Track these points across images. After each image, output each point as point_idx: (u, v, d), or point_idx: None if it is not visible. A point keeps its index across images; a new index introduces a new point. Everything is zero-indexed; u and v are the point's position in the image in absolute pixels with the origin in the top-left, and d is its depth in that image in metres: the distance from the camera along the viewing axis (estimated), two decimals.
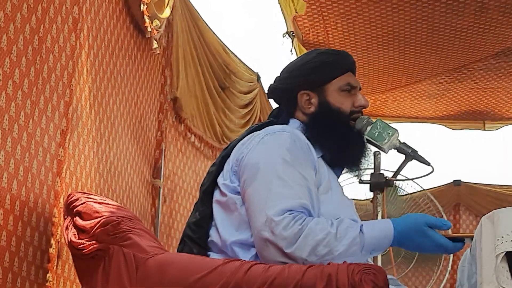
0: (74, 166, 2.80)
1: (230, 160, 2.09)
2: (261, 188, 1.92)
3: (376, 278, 1.69)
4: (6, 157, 2.16)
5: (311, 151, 2.05)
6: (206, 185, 2.12)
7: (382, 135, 2.26)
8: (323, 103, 2.18)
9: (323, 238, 1.83)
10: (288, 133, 2.05)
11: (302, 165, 1.98)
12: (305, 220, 1.85)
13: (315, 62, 2.21)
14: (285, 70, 2.26)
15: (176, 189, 4.84)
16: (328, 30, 4.94)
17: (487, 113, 6.57)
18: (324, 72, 2.20)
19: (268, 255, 1.86)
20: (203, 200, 2.10)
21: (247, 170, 1.98)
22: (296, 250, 1.82)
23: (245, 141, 2.09)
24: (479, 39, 5.03)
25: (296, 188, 1.92)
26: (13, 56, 2.19)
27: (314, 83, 2.19)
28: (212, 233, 2.05)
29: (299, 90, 2.19)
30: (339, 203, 2.06)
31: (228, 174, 2.07)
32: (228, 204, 2.03)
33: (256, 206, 1.90)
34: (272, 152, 1.99)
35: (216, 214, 2.06)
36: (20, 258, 2.29)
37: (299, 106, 2.21)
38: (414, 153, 2.31)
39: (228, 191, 2.03)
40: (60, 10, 2.61)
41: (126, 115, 3.65)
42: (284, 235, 1.82)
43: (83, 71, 2.90)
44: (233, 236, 1.98)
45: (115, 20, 3.45)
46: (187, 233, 2.10)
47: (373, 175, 2.89)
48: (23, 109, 2.28)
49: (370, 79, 5.80)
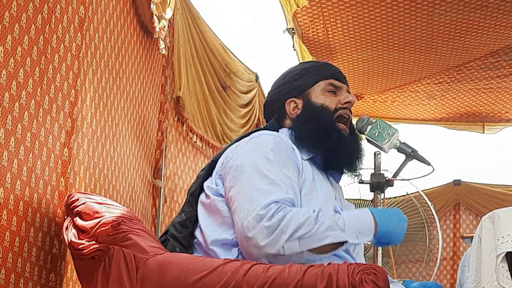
0: (79, 166, 2.80)
1: (217, 164, 2.16)
2: (247, 186, 1.96)
3: (377, 278, 1.69)
4: (9, 158, 2.15)
5: (295, 153, 2.10)
6: (193, 188, 2.18)
7: (382, 135, 2.26)
8: (307, 104, 2.24)
9: (304, 220, 1.87)
10: (272, 135, 2.11)
11: (286, 166, 2.03)
12: (288, 208, 1.90)
13: (298, 70, 2.30)
14: (273, 85, 2.36)
15: (176, 189, 4.85)
16: (327, 27, 4.95)
17: (487, 114, 6.57)
18: (306, 77, 2.27)
19: (251, 250, 1.88)
20: (189, 202, 2.17)
21: (232, 171, 2.04)
22: (278, 234, 1.84)
23: (232, 147, 2.17)
24: (479, 37, 5.04)
25: (281, 185, 1.97)
26: (17, 57, 2.18)
27: (298, 88, 2.27)
28: (197, 234, 2.11)
29: (286, 98, 2.28)
30: (325, 203, 2.08)
31: (213, 177, 2.14)
32: (210, 205, 2.09)
33: (242, 203, 1.93)
34: (256, 152, 2.05)
35: (200, 215, 2.12)
36: (23, 258, 2.28)
37: (287, 114, 2.27)
38: (414, 153, 2.32)
39: (212, 193, 2.10)
40: (67, 10, 2.60)
41: (130, 115, 3.66)
42: (267, 224, 1.86)
43: (89, 71, 2.89)
44: (215, 235, 2.03)
45: (122, 21, 3.45)
46: (171, 232, 2.15)
47: (373, 175, 2.91)
48: (27, 109, 2.28)
49: (370, 79, 5.80)
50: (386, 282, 1.71)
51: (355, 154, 2.21)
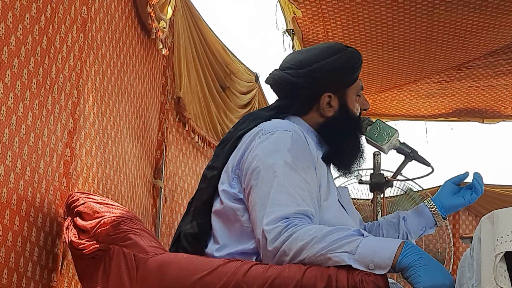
0: (81, 166, 2.80)
1: (229, 163, 1.98)
2: (262, 194, 1.83)
3: (377, 279, 1.67)
4: (13, 158, 2.15)
5: (311, 150, 1.95)
6: (206, 195, 2.00)
7: (382, 136, 2.25)
8: (343, 108, 2.09)
9: (309, 241, 1.73)
10: (290, 132, 1.93)
11: (304, 168, 1.88)
12: (297, 227, 1.75)
13: (344, 64, 2.08)
14: (304, 62, 2.08)
15: (177, 189, 4.85)
16: (327, 28, 4.95)
17: (486, 111, 6.58)
18: (349, 75, 2.10)
19: (264, 262, 1.81)
20: (202, 212, 1.99)
21: (249, 175, 1.89)
22: (280, 256, 1.75)
23: (245, 141, 1.98)
24: (478, 37, 5.04)
25: (296, 194, 1.82)
26: (21, 57, 2.19)
27: (340, 86, 2.09)
28: (211, 246, 1.96)
29: (325, 91, 2.07)
30: (338, 211, 2.00)
31: (228, 178, 1.96)
32: (227, 214, 1.94)
33: (258, 213, 1.82)
34: (272, 154, 1.88)
35: (215, 227, 1.97)
36: (25, 258, 2.28)
37: (319, 107, 2.08)
38: (414, 153, 2.31)
39: (228, 198, 1.94)
40: (69, 10, 2.61)
41: (131, 115, 3.66)
42: (270, 249, 1.76)
43: (91, 72, 2.89)
44: (232, 248, 1.90)
45: (124, 21, 3.45)
46: (183, 245, 2.01)
47: (373, 175, 2.91)
48: (31, 109, 2.28)
49: (370, 78, 5.81)
50: (387, 284, 1.69)
51: (359, 160, 2.12)
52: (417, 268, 1.66)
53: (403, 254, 1.67)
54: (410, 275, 1.66)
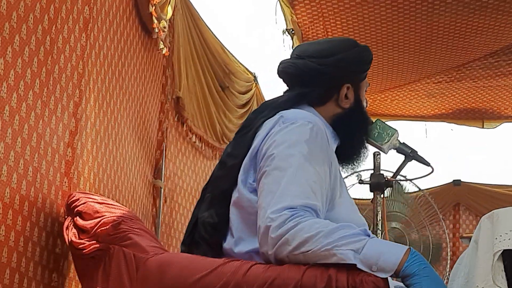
0: (82, 166, 2.80)
1: (250, 152, 1.93)
2: (272, 181, 1.80)
3: (377, 280, 1.66)
4: (16, 157, 2.16)
5: (329, 144, 1.92)
6: (226, 185, 1.95)
7: (382, 136, 2.26)
8: (358, 101, 2.08)
9: (314, 234, 1.69)
10: (311, 123, 1.89)
11: (319, 162, 1.84)
12: (303, 218, 1.72)
13: (362, 57, 2.08)
14: (327, 52, 2.06)
15: (176, 189, 4.86)
16: (327, 28, 4.95)
17: (486, 111, 6.59)
18: (365, 69, 2.10)
19: (263, 249, 1.77)
20: (221, 202, 1.95)
21: (263, 161, 1.86)
22: (281, 245, 1.71)
23: (265, 128, 1.94)
24: (478, 38, 5.05)
25: (307, 186, 1.79)
26: (25, 57, 2.19)
27: (357, 78, 2.08)
28: (229, 240, 1.92)
29: (346, 82, 2.05)
30: (351, 207, 1.97)
31: (247, 167, 1.92)
32: (244, 205, 1.90)
33: (265, 199, 1.78)
34: (290, 144, 1.85)
35: (232, 218, 1.93)
36: (27, 258, 2.29)
37: (338, 97, 2.06)
38: (414, 153, 2.32)
39: (245, 188, 1.91)
40: (72, 10, 2.61)
41: (132, 115, 3.67)
42: (273, 236, 1.72)
43: (93, 72, 2.90)
44: (251, 244, 1.87)
45: (125, 21, 3.45)
46: (202, 234, 1.96)
47: (373, 175, 2.91)
48: (34, 109, 2.28)
49: (369, 78, 5.81)
50: (386, 283, 1.67)
51: (364, 156, 2.11)
52: (421, 278, 1.64)
53: (409, 261, 1.65)
54: (413, 283, 1.64)
